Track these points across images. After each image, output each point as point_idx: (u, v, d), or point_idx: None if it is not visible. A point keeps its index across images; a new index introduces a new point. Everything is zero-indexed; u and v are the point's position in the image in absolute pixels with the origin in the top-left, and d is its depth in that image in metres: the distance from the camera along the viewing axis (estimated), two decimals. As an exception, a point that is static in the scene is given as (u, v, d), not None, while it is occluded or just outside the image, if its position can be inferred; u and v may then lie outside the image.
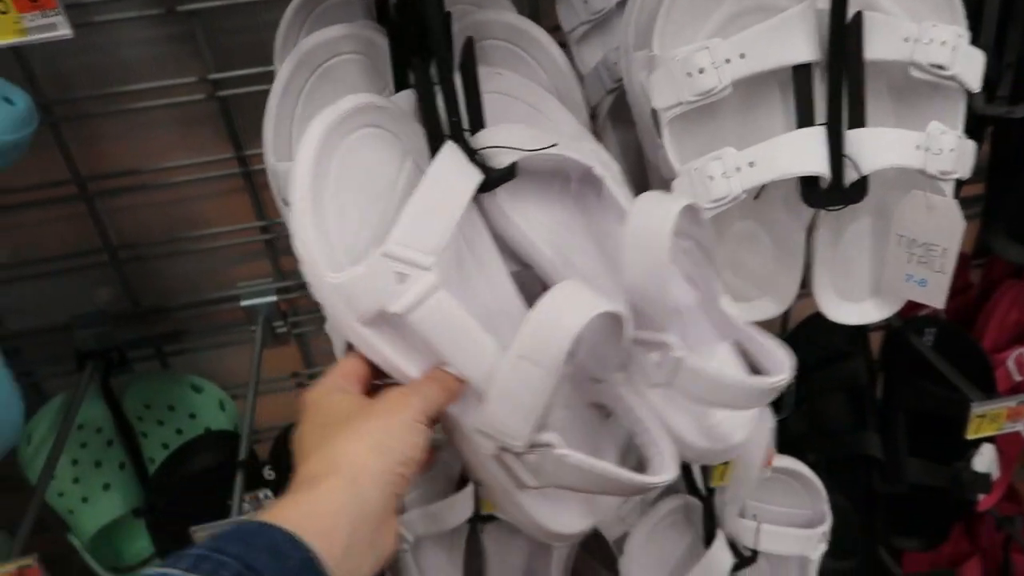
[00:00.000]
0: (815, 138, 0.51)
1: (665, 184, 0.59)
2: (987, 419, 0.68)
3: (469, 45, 0.53)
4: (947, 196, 0.53)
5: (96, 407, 0.85)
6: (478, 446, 0.46)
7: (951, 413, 0.77)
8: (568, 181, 0.55)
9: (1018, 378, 0.88)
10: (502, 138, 0.51)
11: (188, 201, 0.86)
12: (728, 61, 0.51)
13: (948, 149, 0.52)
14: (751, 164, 0.51)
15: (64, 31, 0.40)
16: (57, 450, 0.73)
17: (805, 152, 0.51)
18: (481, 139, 0.51)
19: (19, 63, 0.74)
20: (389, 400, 0.44)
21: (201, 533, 0.63)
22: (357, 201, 0.47)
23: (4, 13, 0.41)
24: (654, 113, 0.56)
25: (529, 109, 0.57)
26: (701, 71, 0.52)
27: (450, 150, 0.48)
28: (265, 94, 0.57)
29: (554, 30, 0.64)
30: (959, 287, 0.90)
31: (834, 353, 0.86)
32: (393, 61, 0.57)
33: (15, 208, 0.83)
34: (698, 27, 0.54)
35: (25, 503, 0.68)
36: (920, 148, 0.51)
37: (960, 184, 0.55)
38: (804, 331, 0.89)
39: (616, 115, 0.70)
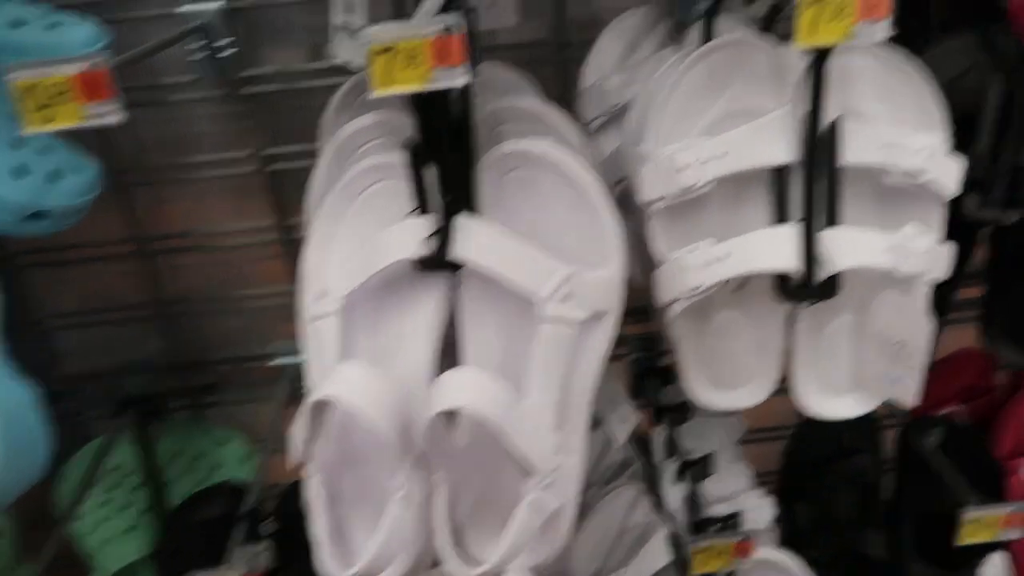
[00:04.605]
0: (787, 235, 0.53)
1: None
2: (982, 524, 0.67)
3: (462, 130, 0.56)
4: (918, 297, 0.55)
5: (133, 452, 0.90)
6: None
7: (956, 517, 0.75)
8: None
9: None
10: (463, 232, 0.53)
11: (233, 263, 0.93)
12: (709, 160, 0.55)
13: (921, 251, 0.53)
14: (726, 257, 0.54)
15: (115, 118, 0.49)
16: (82, 490, 0.77)
17: (775, 248, 0.53)
18: (457, 225, 0.53)
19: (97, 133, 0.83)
20: None
21: (198, 581, 0.66)
22: (358, 236, 0.58)
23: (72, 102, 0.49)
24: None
25: (566, 196, 0.57)
26: (685, 167, 0.55)
27: (411, 223, 0.55)
28: (307, 169, 0.64)
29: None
30: (981, 389, 0.89)
31: (845, 448, 0.85)
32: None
33: (82, 262, 0.91)
34: (691, 125, 0.57)
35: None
36: (891, 250, 0.53)
37: (955, 285, 0.57)
38: (815, 424, 0.89)
39: (625, 204, 0.74)
